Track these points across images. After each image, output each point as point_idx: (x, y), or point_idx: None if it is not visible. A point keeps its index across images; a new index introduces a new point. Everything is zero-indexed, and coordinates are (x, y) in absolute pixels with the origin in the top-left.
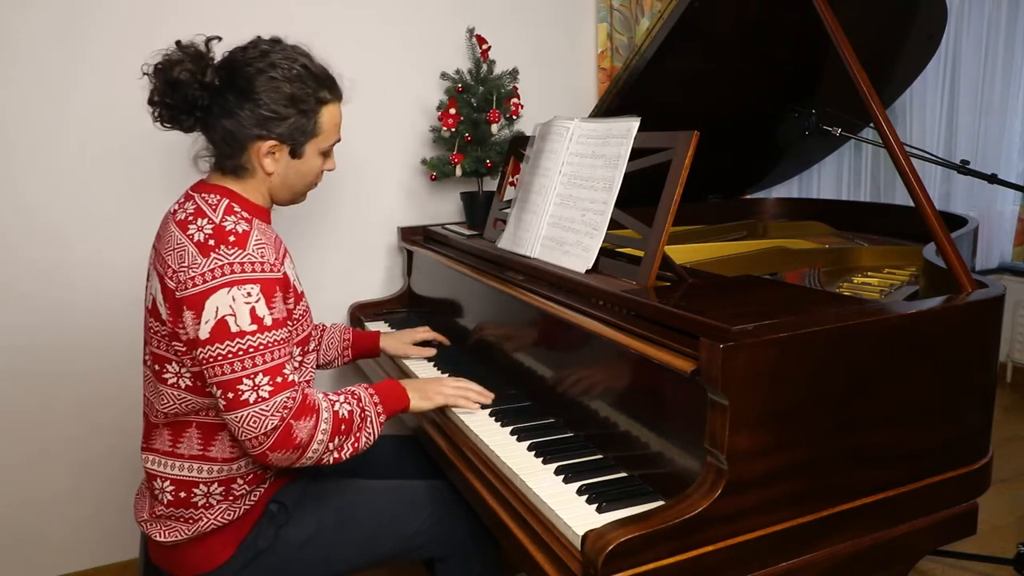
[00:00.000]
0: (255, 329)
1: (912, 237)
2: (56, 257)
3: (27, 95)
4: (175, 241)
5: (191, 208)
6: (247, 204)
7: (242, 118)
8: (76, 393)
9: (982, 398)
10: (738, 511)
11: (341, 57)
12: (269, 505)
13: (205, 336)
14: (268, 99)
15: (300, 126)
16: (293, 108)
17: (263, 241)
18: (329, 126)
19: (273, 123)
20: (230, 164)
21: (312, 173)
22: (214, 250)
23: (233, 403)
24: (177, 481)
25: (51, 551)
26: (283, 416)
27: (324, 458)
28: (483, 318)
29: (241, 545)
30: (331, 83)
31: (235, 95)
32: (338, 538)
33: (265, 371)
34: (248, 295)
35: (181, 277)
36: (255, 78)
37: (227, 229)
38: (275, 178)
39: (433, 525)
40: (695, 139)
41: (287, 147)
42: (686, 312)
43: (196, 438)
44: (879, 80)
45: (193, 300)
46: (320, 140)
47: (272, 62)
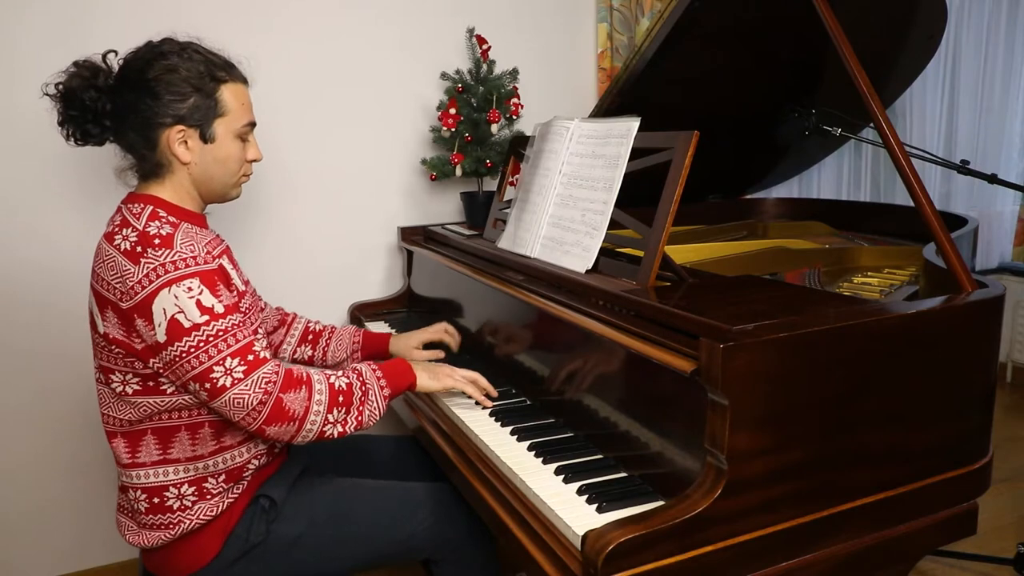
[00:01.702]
0: (207, 319)
1: (912, 237)
2: (55, 258)
3: (28, 94)
4: (104, 253)
5: (118, 220)
6: (173, 209)
7: (144, 110)
8: (76, 393)
9: (982, 398)
10: (738, 511)
11: (341, 58)
12: (259, 500)
13: (163, 339)
14: (164, 85)
15: (202, 105)
16: (190, 87)
17: (189, 240)
18: (234, 105)
19: (174, 106)
20: (148, 166)
21: (231, 159)
22: (142, 255)
23: (213, 391)
24: (147, 488)
25: (51, 551)
26: (267, 390)
27: (326, 431)
28: (483, 318)
29: (229, 538)
30: (227, 65)
31: (133, 90)
32: (332, 536)
33: (232, 354)
34: (189, 289)
35: (120, 288)
36: (147, 68)
37: (151, 234)
38: (194, 168)
39: (430, 528)
40: (695, 139)
41: (195, 131)
42: (686, 312)
43: (153, 444)
44: (879, 80)
45: (139, 308)
46: (229, 120)
47: (162, 51)
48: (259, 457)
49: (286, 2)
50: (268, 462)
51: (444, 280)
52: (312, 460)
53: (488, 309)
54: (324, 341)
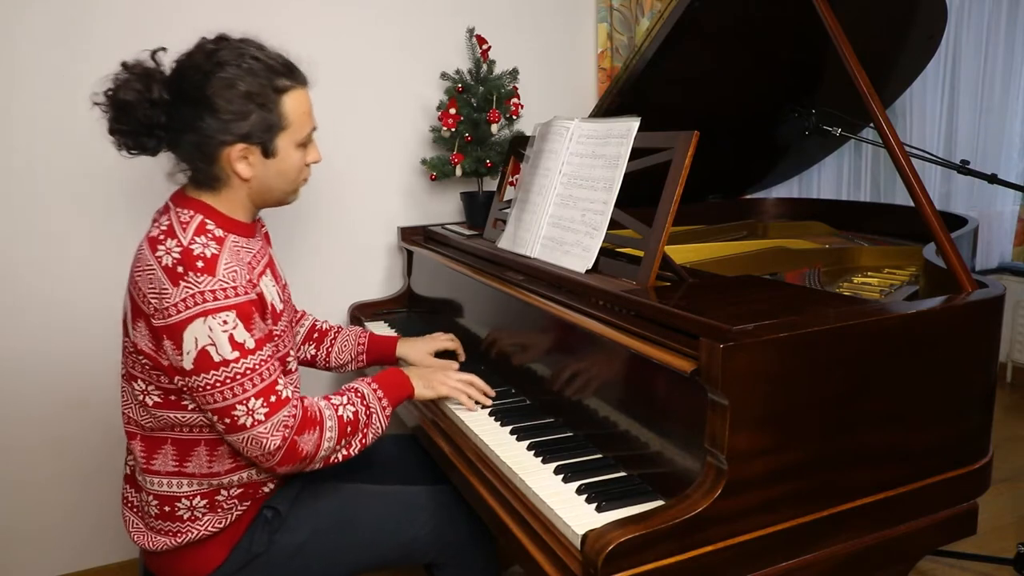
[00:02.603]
0: (238, 356)
1: (912, 237)
2: (54, 258)
3: (29, 94)
4: (145, 262)
5: (164, 224)
6: (223, 220)
7: (203, 128)
8: (77, 394)
9: (982, 398)
10: (738, 511)
11: (341, 58)
12: (263, 511)
13: (189, 367)
14: (223, 102)
15: (264, 122)
16: (252, 103)
17: (232, 263)
18: (297, 115)
19: (235, 125)
20: (204, 177)
21: (293, 170)
22: (183, 277)
23: (231, 428)
24: (159, 496)
25: (51, 551)
26: (285, 435)
27: (332, 458)
28: (483, 318)
29: (234, 550)
30: (288, 69)
31: (190, 106)
32: (334, 544)
33: (256, 394)
34: (224, 323)
35: (155, 305)
36: (205, 83)
37: (195, 253)
38: (253, 183)
39: (431, 532)
40: (695, 139)
41: (257, 148)
42: (686, 312)
43: (171, 455)
44: (879, 80)
45: (171, 330)
46: (292, 132)
47: (219, 61)
48: (274, 480)
49: (286, 2)
50: (282, 482)
51: (444, 280)
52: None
53: (488, 309)
54: (329, 341)
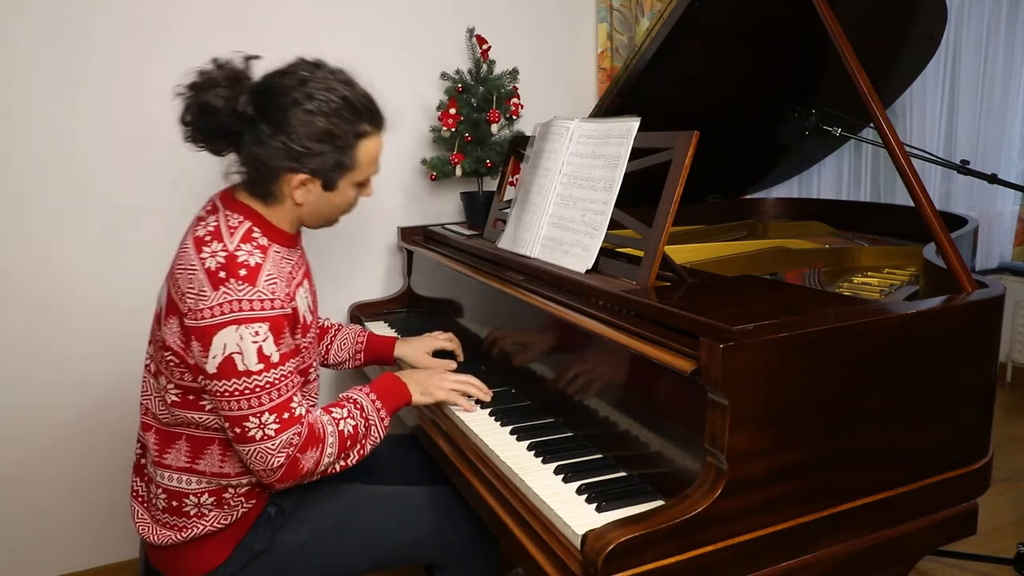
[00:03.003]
0: (262, 368)
1: (912, 237)
2: (54, 259)
3: (29, 94)
4: (188, 261)
5: (211, 225)
6: (269, 228)
7: (274, 149)
8: (77, 394)
9: (982, 398)
10: (738, 511)
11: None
12: (267, 508)
13: (213, 371)
14: (302, 133)
15: (335, 161)
16: (329, 144)
17: (274, 275)
18: (367, 160)
19: (306, 158)
20: (259, 189)
21: (345, 204)
22: (224, 283)
23: (240, 437)
24: (168, 490)
25: (51, 551)
26: (289, 453)
27: (330, 470)
28: (483, 318)
29: (237, 547)
30: (372, 114)
31: (269, 126)
32: (335, 543)
33: (271, 409)
34: (256, 334)
35: (191, 305)
36: (290, 110)
37: (239, 260)
38: (305, 208)
39: (432, 533)
40: (695, 139)
41: (320, 181)
42: (686, 312)
43: (184, 451)
44: (879, 80)
45: (201, 332)
46: (356, 174)
47: (309, 93)
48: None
49: (286, 2)
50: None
51: (444, 280)
52: None
53: (488, 309)
54: (328, 339)
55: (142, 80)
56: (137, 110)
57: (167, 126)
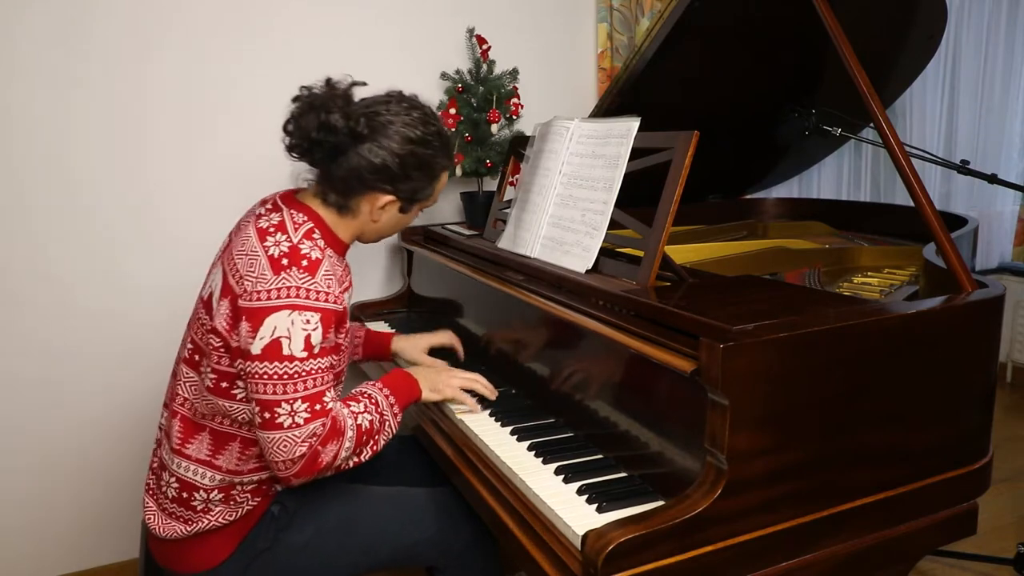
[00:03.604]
0: (305, 356)
1: (912, 237)
2: (54, 258)
3: (29, 94)
4: (250, 247)
5: (275, 220)
6: (329, 235)
7: (374, 169)
8: (77, 394)
9: (982, 398)
10: (738, 511)
11: (341, 58)
12: (271, 507)
13: (257, 352)
14: (404, 159)
15: (420, 188)
16: (421, 172)
17: (331, 273)
18: (438, 191)
19: (401, 181)
20: (335, 200)
21: (403, 226)
22: (285, 270)
23: (268, 424)
24: (181, 480)
25: (51, 551)
26: (311, 444)
27: (343, 465)
28: (483, 318)
29: (241, 544)
30: (451, 150)
31: (376, 147)
32: (338, 543)
33: (304, 398)
34: (307, 322)
35: (248, 287)
36: (395, 136)
37: (302, 252)
38: (376, 225)
39: (434, 535)
40: (695, 139)
41: (401, 203)
42: (686, 312)
43: (207, 443)
44: (879, 80)
45: (253, 313)
46: (427, 202)
47: (412, 123)
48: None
49: (286, 2)
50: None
51: (444, 280)
52: None
53: (488, 309)
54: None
55: (142, 80)
56: (137, 110)
57: (167, 126)
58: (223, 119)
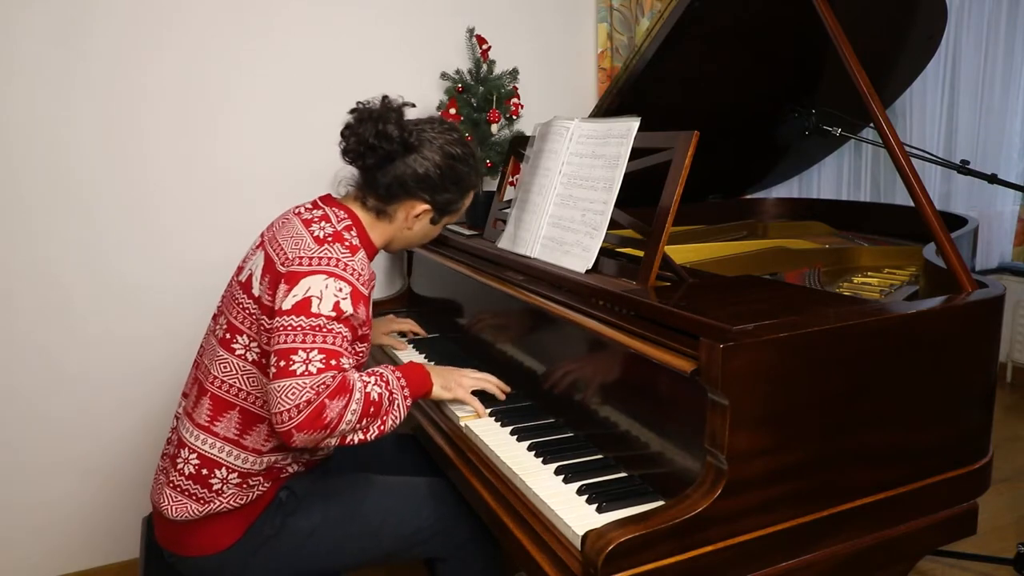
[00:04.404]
0: (333, 316)
1: (912, 237)
2: (54, 257)
3: (29, 93)
4: (295, 231)
5: (319, 214)
6: (364, 237)
7: (417, 177)
8: (77, 393)
9: (982, 398)
10: (738, 511)
11: (341, 58)
12: (279, 493)
13: (288, 308)
14: (443, 172)
15: (453, 201)
16: (456, 187)
17: (365, 263)
18: (464, 206)
19: (438, 192)
20: (374, 204)
21: (429, 237)
22: (329, 244)
23: (281, 371)
24: (203, 457)
25: (51, 551)
26: (319, 392)
27: (349, 438)
28: (483, 318)
29: (248, 530)
30: (481, 174)
31: (421, 158)
32: (343, 531)
33: (322, 350)
34: (340, 290)
35: (290, 255)
36: (438, 151)
37: (344, 237)
38: (408, 233)
39: (436, 524)
40: (695, 139)
41: (433, 214)
42: (686, 312)
43: (236, 421)
44: (879, 80)
45: (292, 276)
46: (454, 216)
47: (452, 141)
48: (299, 463)
49: (286, 2)
50: (304, 469)
51: (444, 280)
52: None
53: (488, 309)
54: None
55: (142, 80)
56: (137, 110)
57: (167, 126)
58: (223, 119)
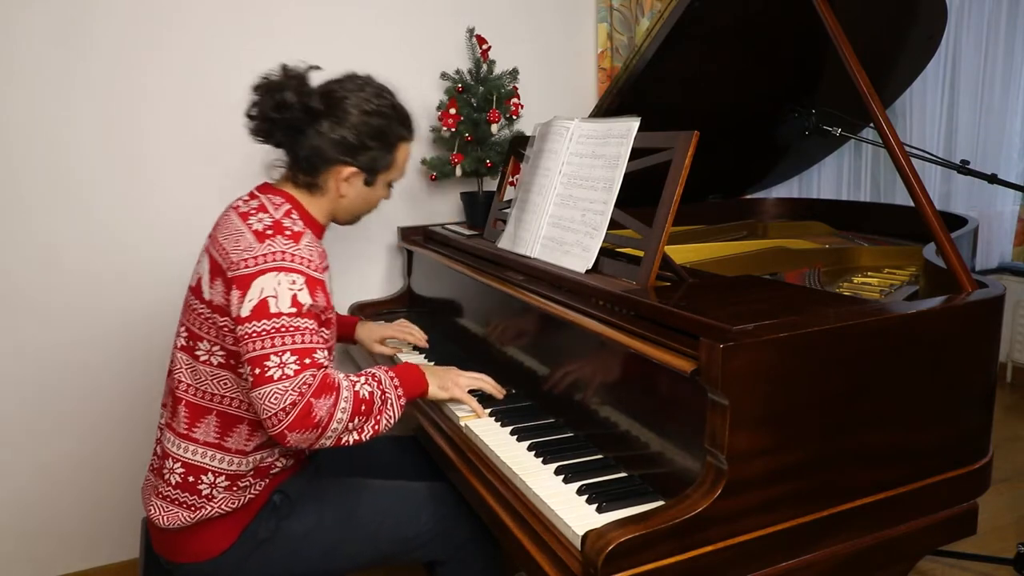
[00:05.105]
0: (293, 312)
1: (912, 237)
2: (53, 257)
3: (28, 93)
4: (234, 227)
5: (255, 204)
6: (306, 216)
7: (332, 143)
8: (75, 394)
9: (982, 398)
10: (738, 511)
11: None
12: (272, 496)
13: (246, 314)
14: (360, 130)
15: (380, 158)
16: (378, 141)
17: (313, 245)
18: (401, 162)
19: (358, 152)
20: (305, 180)
21: (375, 201)
22: (270, 238)
23: (259, 379)
24: (188, 464)
25: (51, 551)
26: (302, 392)
27: (344, 439)
28: (483, 318)
29: (242, 534)
30: (410, 123)
31: (330, 122)
32: (339, 535)
33: (294, 351)
34: (293, 283)
35: (234, 258)
36: (350, 109)
37: (284, 225)
38: (344, 201)
39: (434, 527)
40: (695, 139)
41: (363, 175)
42: (686, 312)
43: (214, 425)
44: (879, 80)
45: (242, 279)
46: (391, 173)
47: (367, 97)
48: (286, 457)
49: (285, 3)
50: (293, 463)
51: (444, 280)
52: (326, 459)
53: (488, 309)
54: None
55: (142, 80)
56: (137, 110)
57: (166, 125)
58: (223, 119)
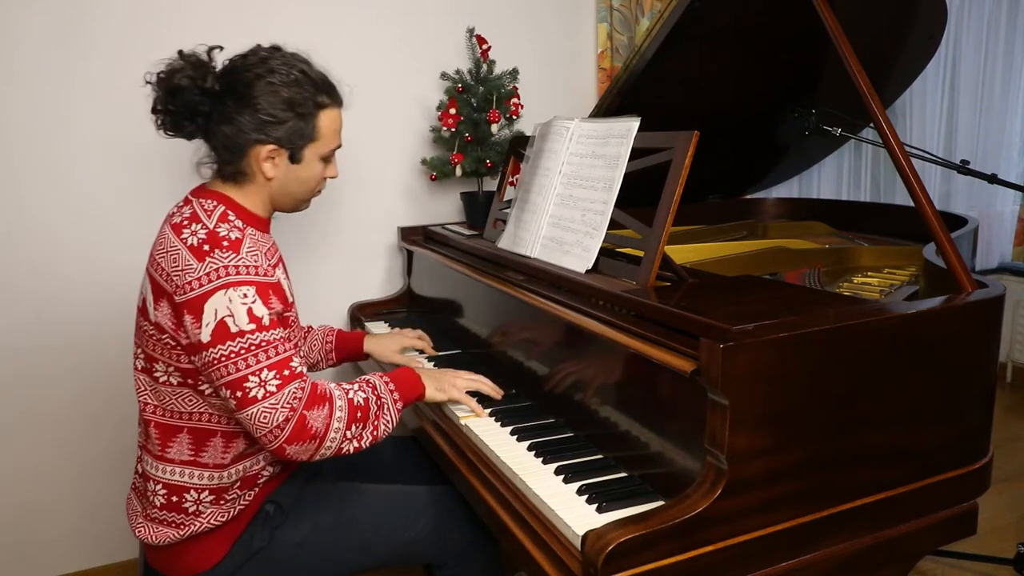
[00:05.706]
0: (254, 328)
1: (912, 237)
2: (52, 256)
3: (28, 93)
4: (168, 244)
5: (187, 212)
6: (243, 212)
7: (241, 123)
8: (73, 393)
9: (982, 398)
10: (738, 511)
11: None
12: (264, 505)
13: (207, 339)
14: (266, 103)
15: (298, 130)
16: (291, 112)
17: (255, 249)
18: (328, 131)
19: (271, 127)
20: (230, 170)
21: (313, 179)
22: (208, 254)
23: (242, 402)
24: (168, 485)
25: (51, 552)
26: (294, 407)
27: (343, 447)
28: (483, 318)
29: (235, 544)
30: (329, 88)
31: (234, 100)
32: (334, 541)
33: (270, 366)
34: (244, 296)
35: (177, 281)
36: (253, 83)
37: (220, 235)
38: (275, 184)
39: (432, 532)
40: (695, 139)
41: (286, 152)
42: (686, 312)
43: (187, 443)
44: (879, 80)
45: (192, 304)
46: (319, 145)
47: (271, 68)
48: (273, 464)
49: (285, 3)
50: (281, 471)
51: (444, 280)
52: (318, 464)
53: (488, 309)
54: (304, 345)
55: (142, 80)
56: (137, 110)
57: None
58: None
